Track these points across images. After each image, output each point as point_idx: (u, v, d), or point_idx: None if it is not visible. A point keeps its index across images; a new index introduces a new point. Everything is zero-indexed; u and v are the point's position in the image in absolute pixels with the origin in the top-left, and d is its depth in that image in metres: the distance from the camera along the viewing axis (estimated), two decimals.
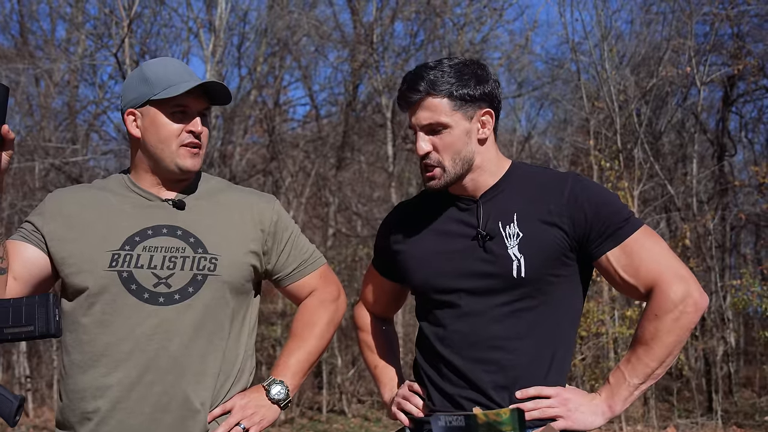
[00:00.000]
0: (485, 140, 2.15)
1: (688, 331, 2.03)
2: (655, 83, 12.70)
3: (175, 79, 2.11)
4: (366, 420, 12.50)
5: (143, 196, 2.17)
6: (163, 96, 2.09)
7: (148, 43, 14.81)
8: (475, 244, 2.13)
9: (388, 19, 14.95)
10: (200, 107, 2.15)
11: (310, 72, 17.06)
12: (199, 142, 2.15)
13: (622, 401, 2.04)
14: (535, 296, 2.09)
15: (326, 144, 15.28)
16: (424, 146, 2.12)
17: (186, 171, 2.16)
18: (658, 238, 2.10)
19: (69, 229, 2.10)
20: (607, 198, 2.11)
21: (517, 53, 15.15)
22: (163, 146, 2.12)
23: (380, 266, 2.44)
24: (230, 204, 2.24)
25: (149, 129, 2.12)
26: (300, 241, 2.33)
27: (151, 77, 2.12)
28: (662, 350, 2.01)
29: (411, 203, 2.39)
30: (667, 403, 12.66)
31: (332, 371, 13.50)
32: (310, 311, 2.33)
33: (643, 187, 12.18)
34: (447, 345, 2.15)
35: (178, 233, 2.13)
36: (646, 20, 14.08)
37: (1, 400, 1.77)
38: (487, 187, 2.17)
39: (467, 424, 1.85)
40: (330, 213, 15.38)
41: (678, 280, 2.02)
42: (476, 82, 2.11)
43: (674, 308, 1.99)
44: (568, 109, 15.61)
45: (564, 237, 2.07)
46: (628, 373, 2.03)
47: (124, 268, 2.05)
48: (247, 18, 15.57)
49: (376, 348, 2.49)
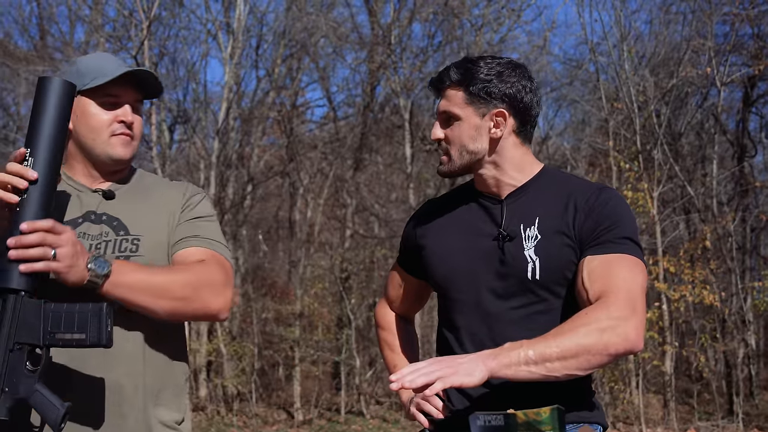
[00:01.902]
0: (498, 140, 2.14)
1: (605, 355, 1.88)
2: (674, 84, 12.62)
3: (105, 70, 2.09)
4: (384, 421, 12.50)
5: (75, 187, 2.15)
6: (92, 85, 2.07)
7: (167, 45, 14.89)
8: (495, 244, 2.13)
9: (405, 21, 14.96)
10: (131, 98, 2.14)
11: (328, 73, 17.12)
12: (130, 131, 2.13)
13: (504, 366, 1.85)
14: (549, 299, 2.08)
15: (344, 145, 15.30)
16: (436, 133, 2.19)
17: (118, 160, 2.14)
18: (642, 274, 2.02)
19: None
20: (622, 216, 2.07)
21: (535, 54, 15.09)
22: (94, 136, 2.10)
23: (405, 262, 2.44)
24: (158, 192, 2.22)
25: (80, 119, 2.10)
26: (204, 224, 2.21)
27: (83, 69, 2.10)
28: (571, 345, 1.86)
29: (439, 200, 2.40)
30: (687, 405, 12.58)
31: (350, 372, 13.51)
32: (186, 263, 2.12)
33: (663, 189, 12.11)
34: (464, 346, 2.14)
35: (104, 218, 2.11)
36: (666, 20, 14.01)
37: (48, 406, 1.77)
38: (514, 187, 2.17)
39: (506, 424, 1.82)
40: (348, 214, 15.40)
41: (629, 308, 1.92)
42: (499, 81, 2.11)
43: (607, 320, 1.89)
44: (586, 110, 15.55)
45: (574, 242, 2.06)
46: (527, 344, 1.87)
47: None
48: (265, 20, 15.64)
49: (396, 347, 2.49)
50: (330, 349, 14.01)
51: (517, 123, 2.15)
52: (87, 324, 1.79)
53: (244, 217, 15.79)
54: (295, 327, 13.74)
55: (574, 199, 2.09)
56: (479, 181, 2.22)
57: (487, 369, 1.84)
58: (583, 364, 1.88)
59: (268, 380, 14.25)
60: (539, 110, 2.23)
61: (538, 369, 1.86)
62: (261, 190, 16.81)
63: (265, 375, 14.17)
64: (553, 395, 1.93)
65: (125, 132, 2.12)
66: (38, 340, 1.79)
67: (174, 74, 15.19)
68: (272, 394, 14.01)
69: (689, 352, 12.63)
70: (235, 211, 15.04)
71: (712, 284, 11.46)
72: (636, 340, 1.91)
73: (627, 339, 1.89)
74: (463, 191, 2.29)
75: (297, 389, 13.26)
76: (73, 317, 1.80)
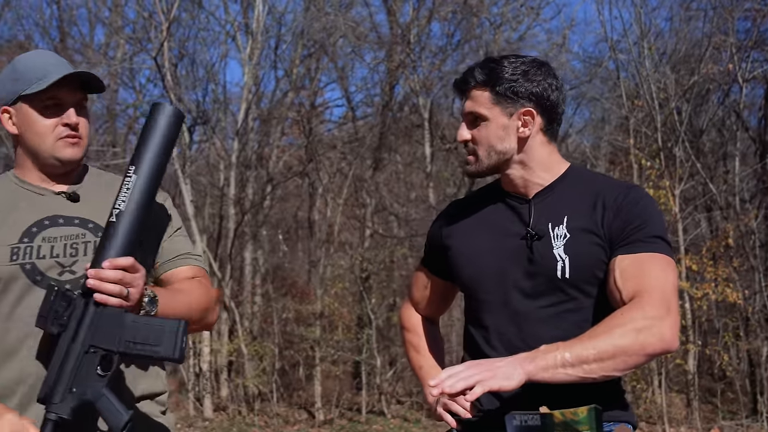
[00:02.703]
0: (526, 139, 2.13)
1: (641, 355, 1.89)
2: (695, 81, 12.53)
3: (43, 72, 2.04)
4: (406, 421, 12.49)
5: (33, 191, 2.12)
6: (31, 91, 2.03)
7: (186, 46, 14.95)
8: (523, 243, 2.12)
9: (424, 20, 14.95)
10: (74, 98, 2.10)
11: (347, 73, 17.12)
12: (76, 133, 2.10)
13: (541, 369, 1.85)
14: (579, 298, 2.07)
15: (363, 145, 15.30)
16: (462, 134, 2.18)
17: (66, 162, 2.11)
18: (673, 272, 2.02)
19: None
20: (651, 214, 2.07)
21: (554, 52, 15.04)
22: (39, 141, 2.07)
23: (430, 263, 2.44)
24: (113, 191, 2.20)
25: (24, 125, 2.08)
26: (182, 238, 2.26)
27: (21, 71, 2.06)
28: (607, 346, 1.86)
29: (465, 200, 2.40)
30: (710, 404, 12.49)
31: (371, 372, 13.51)
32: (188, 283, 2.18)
33: (684, 186, 12.02)
34: (493, 346, 2.14)
35: (76, 222, 2.09)
36: (686, 17, 13.91)
37: (113, 411, 1.80)
38: (541, 187, 2.17)
39: (543, 423, 1.81)
40: (367, 214, 15.40)
41: (664, 308, 1.92)
42: (525, 80, 2.11)
43: (642, 321, 1.89)
44: (606, 108, 15.46)
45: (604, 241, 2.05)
46: (563, 346, 1.87)
47: (26, 261, 2.00)
48: (283, 20, 15.67)
49: (422, 349, 2.48)
50: (350, 348, 14.02)
51: (544, 121, 2.15)
52: (162, 338, 1.84)
53: (263, 218, 15.83)
54: (315, 327, 13.75)
55: (603, 198, 2.09)
56: (506, 181, 2.21)
57: (525, 372, 1.84)
58: (620, 365, 1.88)
59: (289, 380, 14.27)
60: (564, 108, 2.22)
61: (575, 371, 1.86)
62: (280, 191, 16.84)
63: (285, 375, 14.20)
64: (586, 394, 1.92)
65: (70, 134, 2.08)
66: (114, 346, 1.83)
67: (193, 75, 15.26)
68: (293, 394, 14.03)
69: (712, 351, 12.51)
70: (255, 211, 15.08)
71: (735, 282, 11.36)
72: (672, 340, 1.91)
73: (663, 339, 1.89)
74: (489, 191, 2.29)
75: (318, 389, 13.27)
76: (150, 330, 1.84)
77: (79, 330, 1.84)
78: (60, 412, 1.79)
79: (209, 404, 13.01)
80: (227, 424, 12.27)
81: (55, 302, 1.85)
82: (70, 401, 1.81)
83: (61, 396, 1.81)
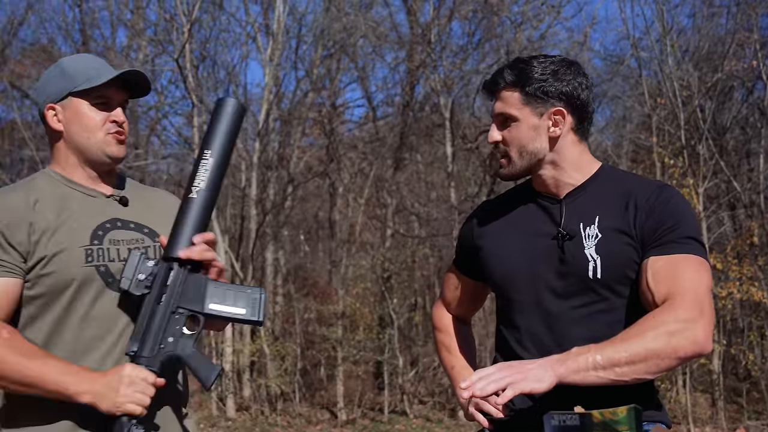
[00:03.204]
0: (557, 138, 2.13)
1: (673, 359, 1.87)
2: (719, 78, 12.43)
3: (93, 72, 2.13)
4: (428, 421, 12.48)
5: (83, 191, 2.16)
6: (85, 87, 2.10)
7: (207, 48, 15.02)
8: (554, 243, 2.11)
9: (444, 19, 14.93)
10: (121, 98, 2.18)
11: (367, 73, 17.15)
12: (123, 130, 2.18)
13: (572, 371, 1.84)
14: (611, 298, 2.06)
15: (384, 145, 15.30)
16: (493, 135, 2.18)
17: (115, 158, 2.16)
18: (707, 274, 2.00)
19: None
20: (684, 215, 2.05)
21: (575, 50, 14.96)
22: (89, 135, 2.13)
23: (461, 264, 2.43)
24: (158, 201, 2.31)
25: (72, 121, 2.13)
26: None
27: (70, 71, 2.14)
28: (639, 349, 1.85)
29: (496, 200, 2.39)
30: (735, 404, 12.39)
31: (393, 372, 13.51)
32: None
33: (708, 184, 11.93)
34: (525, 347, 2.13)
35: (131, 226, 2.16)
36: (709, 14, 13.82)
37: (204, 364, 1.94)
38: (572, 187, 2.16)
39: (582, 424, 1.80)
40: (388, 214, 15.40)
41: (697, 310, 1.90)
42: (554, 79, 2.10)
43: (675, 323, 1.87)
44: (627, 106, 15.38)
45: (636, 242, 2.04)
46: (595, 349, 1.86)
47: (100, 263, 2.06)
48: (303, 21, 15.71)
49: (454, 349, 2.48)
50: (372, 348, 14.02)
51: (575, 120, 2.14)
52: (245, 302, 2.00)
53: (285, 218, 15.87)
54: (337, 327, 13.77)
55: (635, 198, 2.07)
56: (538, 182, 2.21)
57: (556, 375, 1.84)
58: (652, 368, 1.87)
59: (311, 380, 14.30)
60: (595, 106, 2.21)
61: (607, 374, 1.85)
62: (301, 191, 16.88)
63: (307, 375, 14.23)
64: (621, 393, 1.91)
65: (119, 131, 2.16)
66: (200, 308, 1.98)
67: (214, 76, 15.35)
68: (315, 394, 14.06)
69: (737, 350, 12.42)
70: (276, 211, 15.12)
71: (760, 281, 11.26)
72: (704, 343, 1.89)
73: (695, 342, 1.88)
74: (519, 192, 2.29)
75: (340, 389, 13.29)
76: (234, 294, 2.01)
77: (164, 293, 1.97)
78: (151, 365, 1.91)
79: (232, 404, 13.05)
80: (250, 424, 12.31)
81: (139, 266, 1.99)
82: (160, 356, 1.93)
83: (149, 351, 1.93)
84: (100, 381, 1.90)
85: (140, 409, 1.88)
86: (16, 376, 1.89)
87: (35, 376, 1.89)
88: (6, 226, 2.01)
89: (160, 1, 14.52)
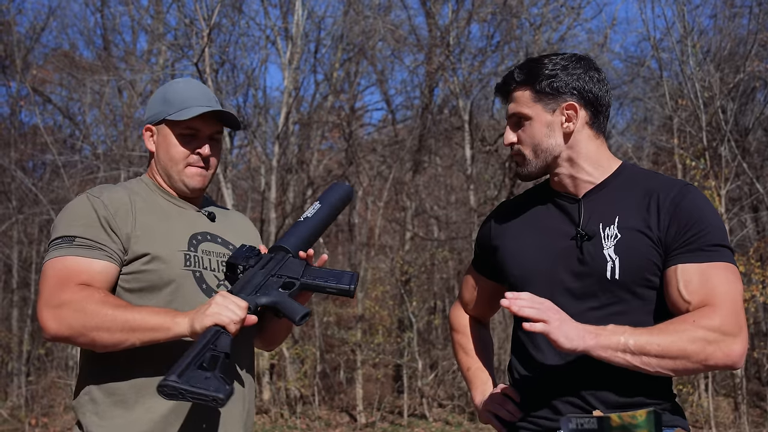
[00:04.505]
0: (571, 134, 2.10)
1: (701, 365, 1.88)
2: (741, 79, 12.32)
3: (191, 102, 2.24)
4: (447, 424, 12.45)
5: (176, 204, 2.30)
6: (175, 117, 2.22)
7: (226, 52, 15.07)
8: (573, 244, 2.08)
9: (463, 21, 14.89)
10: (211, 131, 2.28)
11: (386, 76, 17.16)
12: (203, 165, 2.28)
13: (601, 347, 1.85)
14: (629, 300, 2.02)
15: (403, 148, 15.30)
16: (508, 137, 2.18)
17: (192, 189, 2.28)
18: (739, 281, 1.99)
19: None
20: (710, 219, 2.01)
21: (595, 52, 14.87)
22: (171, 164, 2.26)
23: (479, 264, 2.42)
24: (237, 221, 2.48)
25: (161, 146, 2.27)
26: None
27: (170, 97, 2.26)
28: (673, 347, 1.85)
29: (514, 201, 2.37)
30: (758, 408, 12.26)
31: (413, 375, 13.49)
32: None
33: (730, 186, 11.82)
34: (540, 348, 2.10)
35: (219, 240, 2.30)
36: (731, 14, 13.70)
37: (295, 307, 2.06)
38: (591, 185, 2.13)
39: (600, 427, 1.78)
40: (407, 217, 15.39)
41: (737, 325, 1.91)
42: (564, 74, 2.09)
43: (714, 334, 1.88)
44: (648, 108, 15.28)
45: (657, 244, 2.00)
46: (630, 332, 1.87)
47: (196, 268, 2.18)
48: (322, 24, 15.74)
49: (470, 350, 2.46)
50: (391, 351, 14.01)
51: (589, 114, 2.12)
52: (339, 278, 2.17)
53: None
54: (356, 330, 13.77)
55: (657, 199, 2.04)
56: (555, 181, 2.18)
57: (585, 344, 1.85)
58: (678, 367, 1.88)
59: (330, 383, 14.31)
60: (610, 100, 2.18)
61: (633, 359, 1.86)
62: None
63: (327, 378, 14.24)
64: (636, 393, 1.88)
65: (200, 165, 2.27)
66: (297, 275, 2.15)
67: (234, 80, 15.40)
68: (334, 397, 14.06)
69: (760, 354, 12.30)
70: (296, 215, 15.14)
71: None
72: (738, 359, 1.91)
73: (729, 356, 1.89)
74: (537, 192, 2.26)
75: (359, 392, 13.28)
76: (328, 273, 2.19)
77: (267, 265, 2.14)
78: (247, 300, 2.01)
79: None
80: (269, 427, 12.33)
81: (244, 250, 2.19)
82: (254, 300, 2.04)
83: (247, 293, 2.05)
84: (193, 311, 1.98)
85: (228, 320, 1.93)
86: (119, 323, 1.96)
87: (137, 319, 1.96)
88: (113, 215, 2.13)
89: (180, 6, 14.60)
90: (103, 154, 14.44)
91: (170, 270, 2.13)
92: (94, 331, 1.97)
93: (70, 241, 2.10)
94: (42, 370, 13.83)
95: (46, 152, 15.44)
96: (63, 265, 2.07)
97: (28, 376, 13.65)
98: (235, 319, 1.94)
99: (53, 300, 2.01)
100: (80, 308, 1.98)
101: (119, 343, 1.98)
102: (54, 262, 2.08)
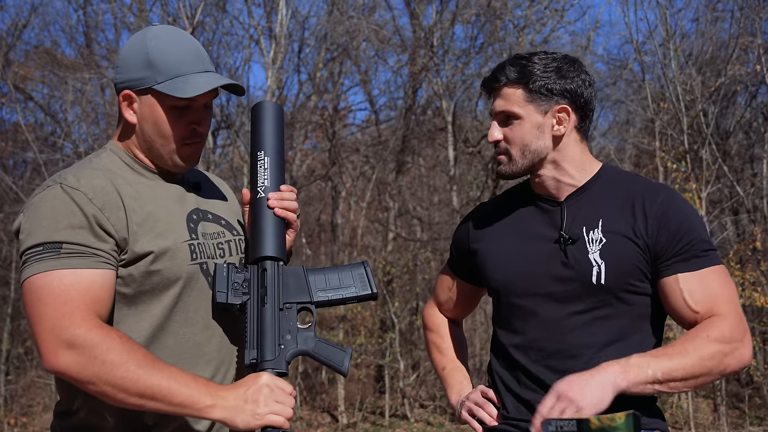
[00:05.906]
0: (561, 137, 2.09)
1: (718, 375, 1.94)
2: (722, 82, 12.41)
3: (183, 67, 1.87)
4: (429, 425, 12.45)
5: (163, 178, 1.95)
6: (170, 92, 1.84)
7: (210, 50, 15.01)
8: (556, 247, 2.07)
9: (447, 23, 14.90)
10: (207, 99, 1.93)
11: (370, 77, 17.13)
12: (201, 139, 1.94)
13: (633, 384, 1.86)
14: (614, 305, 2.02)
15: (386, 148, 15.29)
16: (494, 134, 2.12)
17: (184, 167, 1.95)
18: (732, 281, 2.04)
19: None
20: (695, 223, 2.03)
21: (578, 54, 14.93)
22: (162, 141, 1.89)
23: (455, 266, 2.39)
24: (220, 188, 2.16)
25: (147, 120, 1.88)
26: None
27: (155, 59, 1.86)
28: (696, 367, 1.89)
29: (493, 202, 2.34)
30: (737, 410, 12.34)
31: (394, 376, 13.48)
32: None
33: (711, 189, 11.90)
34: (524, 352, 2.10)
35: (209, 218, 1.99)
36: (712, 18, 13.79)
37: (333, 352, 1.86)
38: (573, 188, 2.12)
39: (579, 429, 1.78)
40: (390, 217, 15.38)
41: (743, 330, 1.96)
42: (558, 77, 2.06)
43: (728, 345, 1.92)
44: (630, 110, 15.36)
45: (644, 251, 2.01)
46: (654, 362, 1.87)
47: (202, 260, 1.89)
48: (306, 24, 15.70)
49: (445, 350, 2.45)
50: (373, 352, 13.99)
51: (578, 118, 2.11)
52: (351, 280, 1.94)
53: None
54: (338, 330, 13.75)
55: (642, 203, 2.03)
56: (537, 183, 2.16)
57: (616, 390, 1.86)
58: (699, 383, 1.93)
59: (312, 383, 14.27)
60: (595, 105, 2.17)
61: (661, 387, 1.90)
62: (303, 194, 16.86)
63: (308, 378, 14.20)
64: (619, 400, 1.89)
65: (195, 141, 1.93)
66: (309, 298, 1.89)
67: None
68: (316, 398, 14.03)
69: None
70: None
71: (763, 286, 11.21)
72: (749, 360, 1.97)
73: (742, 361, 1.95)
74: (517, 194, 2.24)
75: (341, 392, 13.26)
76: (337, 276, 1.95)
77: (266, 293, 1.85)
78: (277, 367, 1.79)
79: None
80: None
81: (229, 276, 1.86)
82: (284, 356, 1.81)
83: (271, 353, 1.80)
84: (231, 394, 1.71)
85: (283, 420, 1.71)
86: (141, 387, 1.65)
87: (164, 387, 1.66)
88: (101, 209, 1.76)
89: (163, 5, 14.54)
90: (85, 152, 14.34)
91: (177, 268, 1.83)
92: (108, 386, 1.64)
93: (56, 250, 1.71)
94: (21, 369, 13.72)
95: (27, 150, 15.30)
96: (60, 281, 1.69)
97: (8, 375, 13.54)
98: (289, 414, 1.73)
99: (63, 333, 1.65)
100: (98, 355, 1.64)
101: (131, 407, 1.69)
102: (45, 278, 1.69)
